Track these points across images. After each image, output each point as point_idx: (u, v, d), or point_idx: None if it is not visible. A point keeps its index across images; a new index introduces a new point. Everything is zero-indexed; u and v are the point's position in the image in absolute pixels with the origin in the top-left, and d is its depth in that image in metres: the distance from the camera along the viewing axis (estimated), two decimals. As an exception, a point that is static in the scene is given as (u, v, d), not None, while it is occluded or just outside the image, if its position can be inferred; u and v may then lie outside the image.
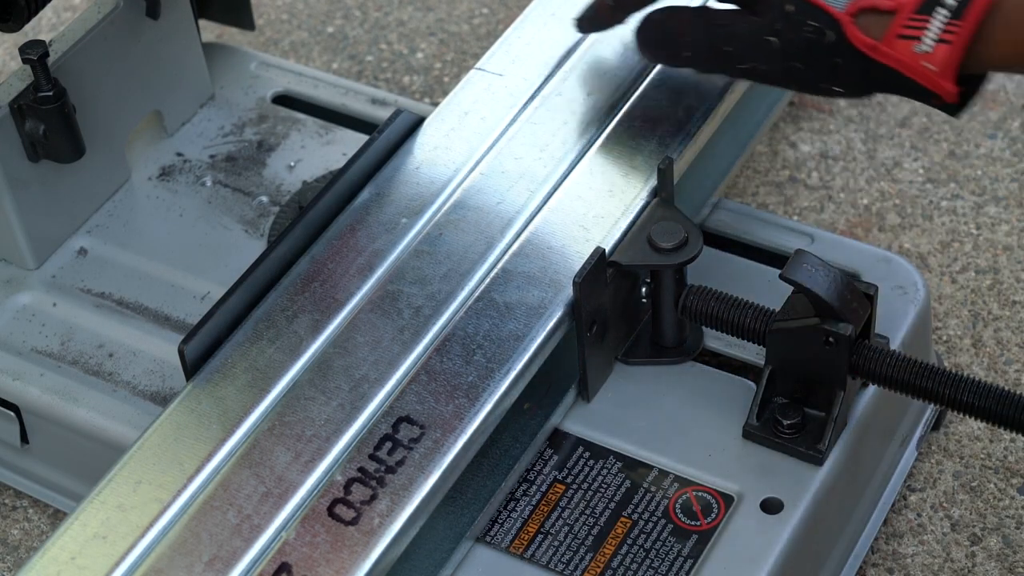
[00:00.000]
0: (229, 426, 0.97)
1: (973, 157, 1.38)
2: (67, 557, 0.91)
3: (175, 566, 0.91)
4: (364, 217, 1.08)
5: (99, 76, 1.19)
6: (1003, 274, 1.29)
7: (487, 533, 0.99)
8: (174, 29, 1.25)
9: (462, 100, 1.16)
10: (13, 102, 1.13)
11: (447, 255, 1.05)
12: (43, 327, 1.16)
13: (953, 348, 1.24)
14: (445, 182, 1.10)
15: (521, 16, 1.23)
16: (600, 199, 1.08)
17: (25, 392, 1.12)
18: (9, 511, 1.19)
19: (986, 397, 0.96)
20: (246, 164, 1.27)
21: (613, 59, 1.18)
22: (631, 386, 1.06)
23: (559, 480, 1.01)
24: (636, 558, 0.97)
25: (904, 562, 1.12)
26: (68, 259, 1.20)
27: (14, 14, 1.13)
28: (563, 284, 1.02)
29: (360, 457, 0.95)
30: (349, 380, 0.99)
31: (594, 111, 1.14)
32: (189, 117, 1.30)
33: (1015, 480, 1.16)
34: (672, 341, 1.07)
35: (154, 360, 1.13)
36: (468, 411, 0.97)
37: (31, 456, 1.16)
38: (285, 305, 1.03)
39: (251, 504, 0.93)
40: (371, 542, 0.91)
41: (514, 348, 1.00)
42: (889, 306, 1.09)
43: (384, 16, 1.59)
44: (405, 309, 1.02)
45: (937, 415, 1.17)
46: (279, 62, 1.36)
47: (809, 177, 1.37)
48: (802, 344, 0.98)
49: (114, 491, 0.94)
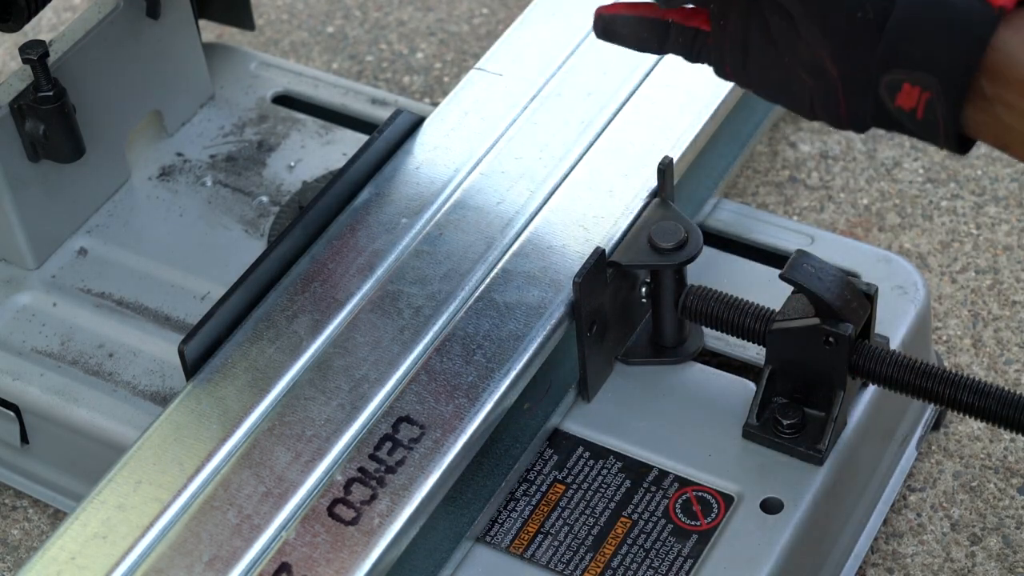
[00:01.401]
0: (229, 426, 0.97)
1: (973, 157, 1.38)
2: (67, 557, 0.91)
3: (175, 566, 0.91)
4: (364, 217, 1.09)
5: (99, 76, 1.19)
6: (1003, 274, 1.29)
7: (487, 533, 0.99)
8: (174, 29, 1.25)
9: (462, 100, 1.17)
10: (13, 102, 1.13)
11: (447, 255, 1.05)
12: (43, 327, 1.16)
13: (953, 348, 1.24)
14: (445, 182, 1.10)
15: (521, 16, 1.23)
16: (600, 199, 1.08)
17: (25, 392, 1.12)
18: (9, 511, 1.19)
19: (986, 397, 0.96)
20: (246, 164, 1.27)
21: (614, 59, 1.18)
22: (631, 386, 1.06)
23: (559, 480, 1.01)
24: (636, 558, 0.97)
25: (904, 562, 1.12)
26: (68, 259, 1.20)
27: (14, 14, 1.13)
28: (563, 284, 1.02)
29: (360, 457, 0.95)
30: (349, 380, 0.99)
31: (594, 111, 1.14)
32: (189, 117, 1.30)
33: (1015, 480, 1.16)
34: (672, 341, 1.07)
35: (154, 360, 1.13)
36: (468, 411, 0.97)
37: (31, 456, 1.16)
38: (285, 305, 1.03)
39: (251, 504, 0.93)
40: (371, 542, 0.91)
41: (514, 348, 1.00)
42: (889, 306, 1.09)
43: (384, 16, 1.59)
44: (405, 309, 1.02)
45: (937, 415, 1.17)
46: (279, 62, 1.36)
47: (809, 177, 1.37)
48: (802, 344, 0.98)
49: (114, 491, 0.94)
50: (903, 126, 0.87)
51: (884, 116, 0.87)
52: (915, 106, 0.86)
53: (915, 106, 0.86)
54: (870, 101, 0.87)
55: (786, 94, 0.89)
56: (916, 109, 0.86)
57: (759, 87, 0.90)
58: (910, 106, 0.86)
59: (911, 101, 0.86)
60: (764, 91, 0.90)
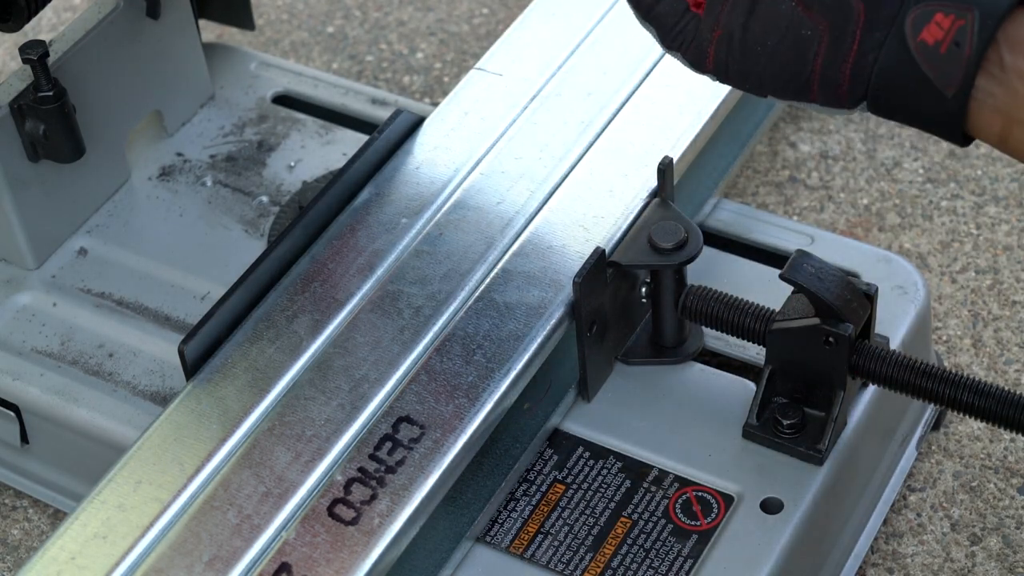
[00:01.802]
0: (229, 426, 0.97)
1: (973, 157, 1.38)
2: (67, 557, 0.91)
3: (175, 566, 0.91)
4: (364, 217, 1.09)
5: (99, 76, 1.19)
6: (1003, 274, 1.29)
7: (487, 533, 0.99)
8: (174, 29, 1.25)
9: (462, 100, 1.16)
10: (13, 102, 1.13)
11: (447, 255, 1.05)
12: (43, 327, 1.16)
13: (953, 348, 1.24)
14: (445, 182, 1.10)
15: (521, 16, 1.23)
16: (600, 199, 1.08)
17: (25, 392, 1.12)
18: (9, 511, 1.19)
19: (986, 397, 0.96)
20: (246, 164, 1.27)
21: (614, 59, 1.18)
22: (631, 386, 1.06)
23: (559, 480, 1.01)
24: (636, 558, 0.97)
25: (904, 562, 1.12)
26: (68, 259, 1.20)
27: (14, 14, 1.13)
28: (563, 284, 1.02)
29: (360, 457, 0.95)
30: (349, 380, 0.99)
31: (594, 111, 1.14)
32: (189, 117, 1.30)
33: (1015, 480, 1.16)
34: (672, 341, 1.07)
35: (154, 360, 1.13)
36: (468, 411, 0.97)
37: (31, 456, 1.16)
38: (285, 305, 1.03)
39: (251, 504, 0.93)
40: (371, 542, 0.91)
41: (514, 348, 1.00)
42: (889, 306, 1.09)
43: (384, 16, 1.59)
44: (405, 309, 1.02)
45: (937, 415, 1.17)
46: (279, 62, 1.36)
47: (809, 177, 1.37)
48: (802, 344, 0.98)
49: (114, 491, 0.94)
50: (905, 88, 0.85)
51: (892, 68, 0.84)
52: (942, 39, 0.83)
53: (942, 39, 0.83)
54: (889, 40, 0.84)
55: (787, 50, 0.87)
56: (941, 43, 0.83)
57: (750, 54, 0.87)
58: (935, 39, 0.83)
59: (939, 33, 0.84)
60: (754, 59, 0.87)
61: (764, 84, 0.88)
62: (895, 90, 0.86)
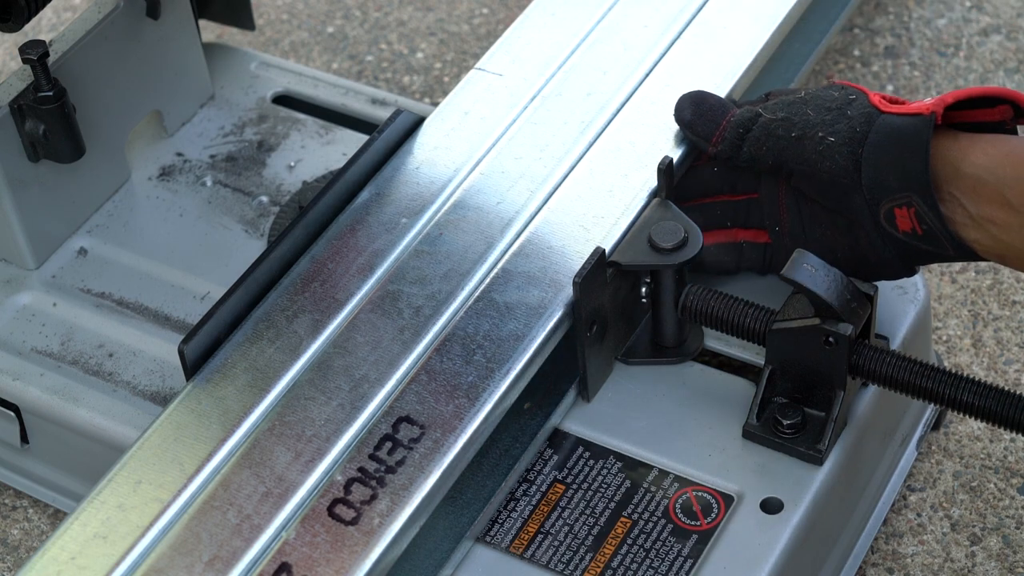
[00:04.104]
0: (229, 426, 0.97)
1: (973, 157, 1.38)
2: (67, 557, 0.91)
3: (175, 566, 0.91)
4: (364, 217, 1.09)
5: (99, 76, 1.19)
6: (1003, 274, 1.29)
7: (487, 533, 0.99)
8: (174, 29, 1.25)
9: (462, 100, 1.16)
10: (13, 102, 1.13)
11: (447, 255, 1.05)
12: (43, 327, 1.16)
13: (953, 348, 1.24)
14: (445, 182, 1.10)
15: (521, 16, 1.23)
16: (600, 199, 1.08)
17: (25, 392, 1.12)
18: (9, 511, 1.19)
19: (986, 397, 0.96)
20: (246, 164, 1.27)
21: (614, 59, 1.18)
22: (631, 386, 1.06)
23: (559, 480, 1.01)
24: (636, 558, 0.97)
25: (904, 562, 1.12)
26: (68, 259, 1.20)
27: (14, 14, 1.13)
28: (563, 284, 1.02)
29: (360, 457, 0.95)
30: (349, 380, 0.99)
31: (594, 111, 1.14)
32: (189, 117, 1.30)
33: (1015, 480, 1.16)
34: (672, 341, 1.07)
35: (154, 360, 1.13)
36: (468, 411, 0.97)
37: (31, 456, 1.16)
38: (285, 305, 1.03)
39: (251, 504, 0.93)
40: (371, 542, 0.91)
41: (514, 348, 1.00)
42: (889, 306, 1.09)
43: (384, 16, 1.59)
44: (405, 309, 1.02)
45: (937, 415, 1.17)
46: (279, 62, 1.36)
47: (809, 177, 1.37)
48: (802, 344, 0.98)
49: (114, 491, 0.94)
50: (930, 253, 0.99)
51: (904, 248, 0.99)
52: (910, 229, 0.98)
53: (910, 229, 0.98)
54: (886, 239, 0.99)
55: (842, 251, 1.02)
56: (916, 228, 0.97)
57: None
58: (909, 228, 0.98)
59: (907, 224, 0.98)
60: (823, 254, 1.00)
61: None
62: (917, 261, 1.01)
